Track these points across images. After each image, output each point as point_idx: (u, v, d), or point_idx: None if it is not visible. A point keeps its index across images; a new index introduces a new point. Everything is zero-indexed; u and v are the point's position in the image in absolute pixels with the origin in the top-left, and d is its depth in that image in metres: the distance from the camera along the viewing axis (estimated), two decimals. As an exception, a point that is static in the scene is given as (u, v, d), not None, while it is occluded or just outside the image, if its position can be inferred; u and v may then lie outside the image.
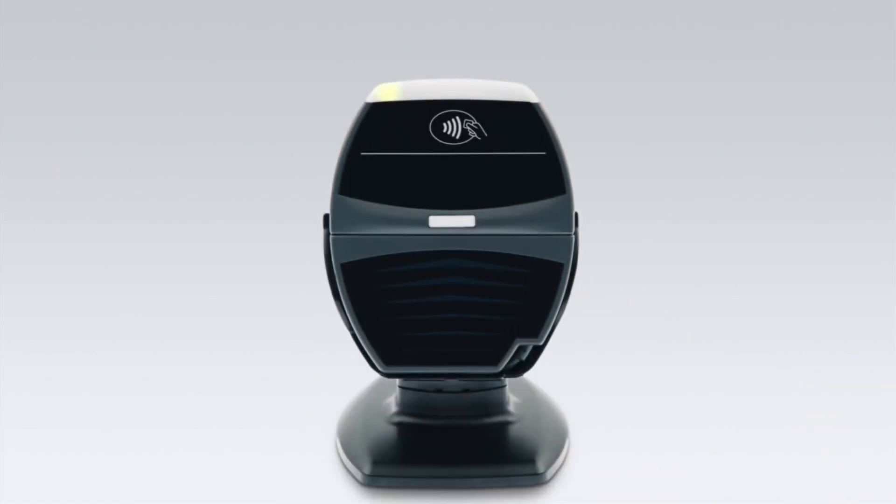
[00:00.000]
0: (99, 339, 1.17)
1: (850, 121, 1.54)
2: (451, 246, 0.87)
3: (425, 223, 0.87)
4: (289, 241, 1.23)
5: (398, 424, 0.94)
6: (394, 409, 0.95)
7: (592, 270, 0.99)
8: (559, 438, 0.94)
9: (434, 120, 0.86)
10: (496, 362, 0.88)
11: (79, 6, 1.59)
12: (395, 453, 0.92)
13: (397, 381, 0.95)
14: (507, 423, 0.94)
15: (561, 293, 0.88)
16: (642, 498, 0.89)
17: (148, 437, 0.98)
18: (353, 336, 0.89)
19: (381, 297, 0.87)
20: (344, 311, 0.88)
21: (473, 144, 0.86)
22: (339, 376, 1.06)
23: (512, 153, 0.86)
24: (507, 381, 0.95)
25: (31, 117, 1.56)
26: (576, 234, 0.88)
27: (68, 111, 1.56)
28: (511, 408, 0.95)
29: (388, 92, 0.87)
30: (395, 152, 0.86)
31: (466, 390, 0.93)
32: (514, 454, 0.91)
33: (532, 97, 0.87)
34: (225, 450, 0.96)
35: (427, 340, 0.88)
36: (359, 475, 0.90)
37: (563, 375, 1.07)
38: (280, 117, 1.54)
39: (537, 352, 0.90)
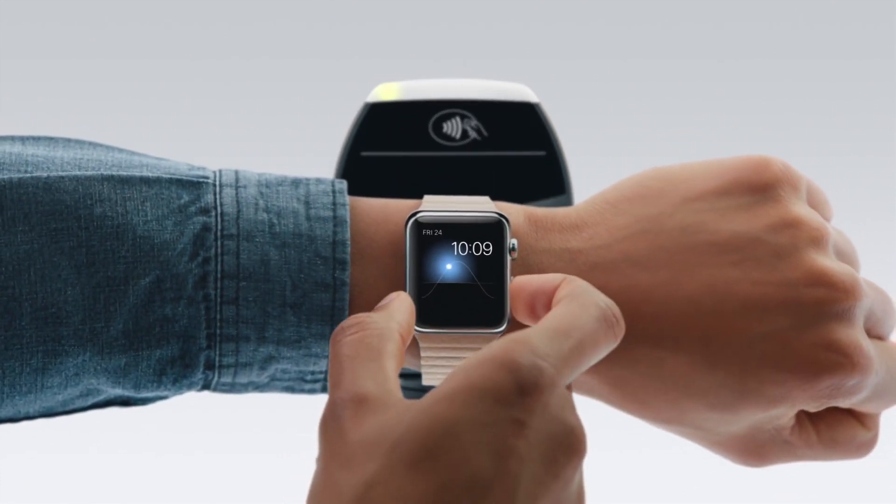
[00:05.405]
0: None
1: (850, 121, 1.54)
2: (451, 246, 0.87)
3: (425, 223, 0.86)
4: (289, 241, 1.22)
5: (398, 424, 0.94)
6: (394, 409, 0.95)
7: (592, 270, 0.99)
8: (559, 438, 0.94)
9: (434, 120, 0.86)
10: (496, 362, 0.88)
11: (79, 6, 1.59)
12: (395, 453, 0.92)
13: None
14: (507, 423, 0.94)
15: (561, 293, 0.87)
16: (642, 498, 0.89)
17: (147, 436, 0.98)
18: (354, 336, 0.89)
19: (381, 296, 0.87)
20: (344, 311, 0.88)
21: (473, 144, 0.86)
22: (339, 376, 1.06)
23: (512, 153, 0.86)
24: (507, 381, 0.95)
25: (30, 117, 1.56)
26: (576, 234, 0.88)
27: (68, 111, 1.56)
28: (511, 408, 0.95)
29: (388, 92, 0.87)
30: (395, 152, 0.86)
31: (466, 390, 0.93)
32: (514, 454, 0.91)
33: (532, 97, 0.87)
34: (225, 449, 0.96)
35: (427, 340, 0.88)
36: (359, 475, 0.90)
37: (563, 375, 1.06)
38: (280, 117, 1.54)
39: (537, 352, 0.90)
